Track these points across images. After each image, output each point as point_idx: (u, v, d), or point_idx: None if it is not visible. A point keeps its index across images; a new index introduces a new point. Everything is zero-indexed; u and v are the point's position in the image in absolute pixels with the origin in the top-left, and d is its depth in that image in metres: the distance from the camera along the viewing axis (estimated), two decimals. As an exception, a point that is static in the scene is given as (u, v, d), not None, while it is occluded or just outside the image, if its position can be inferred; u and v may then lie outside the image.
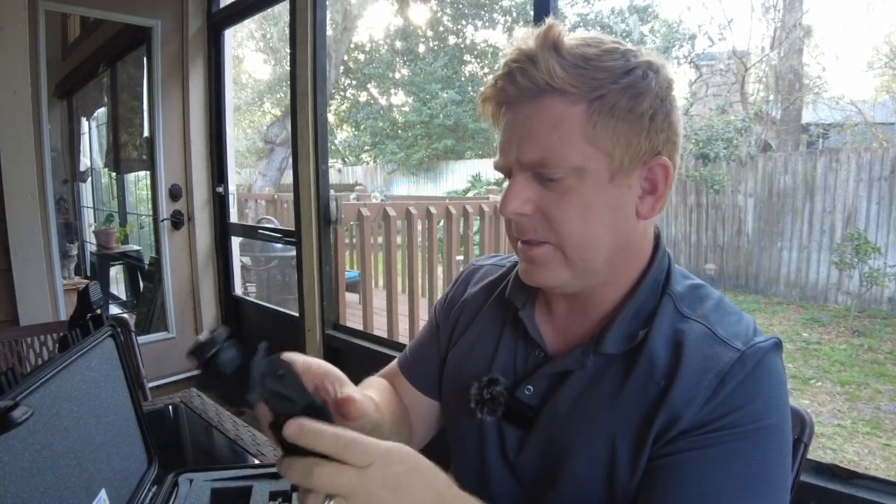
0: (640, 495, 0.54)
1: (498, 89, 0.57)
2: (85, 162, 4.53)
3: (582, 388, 0.59)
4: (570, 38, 0.54)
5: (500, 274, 0.75)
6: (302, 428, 0.37)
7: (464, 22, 12.12)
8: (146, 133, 3.14)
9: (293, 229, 2.48)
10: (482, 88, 0.59)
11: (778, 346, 0.55)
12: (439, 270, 3.26)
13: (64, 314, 2.46)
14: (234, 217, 3.06)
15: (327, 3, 2.28)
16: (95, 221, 4.54)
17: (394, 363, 0.82)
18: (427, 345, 0.79)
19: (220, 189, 2.99)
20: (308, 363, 0.53)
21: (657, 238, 0.62)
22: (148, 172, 3.12)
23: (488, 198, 4.36)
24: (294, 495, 0.75)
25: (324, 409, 0.40)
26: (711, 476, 0.50)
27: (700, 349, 0.54)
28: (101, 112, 4.34)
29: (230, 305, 3.11)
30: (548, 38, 0.53)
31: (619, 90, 0.53)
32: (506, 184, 0.59)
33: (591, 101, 0.53)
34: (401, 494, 0.40)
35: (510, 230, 0.60)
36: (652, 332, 0.57)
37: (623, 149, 0.54)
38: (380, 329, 2.89)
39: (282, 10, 8.42)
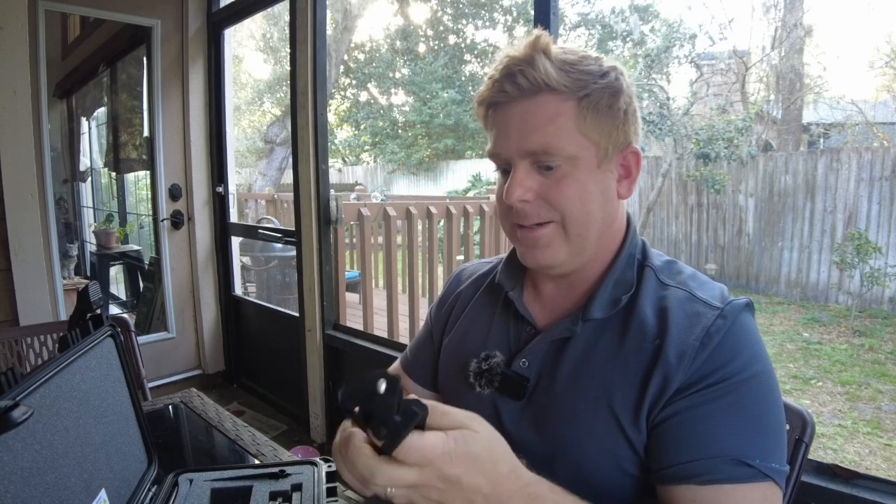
0: (653, 457, 0.59)
1: (496, 90, 0.62)
2: (85, 162, 4.53)
3: (578, 357, 0.64)
4: (552, 47, 0.62)
5: (488, 268, 0.82)
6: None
7: (464, 21, 12.10)
8: (146, 133, 3.14)
9: (293, 229, 2.48)
10: (479, 89, 0.65)
11: (750, 305, 0.62)
12: (440, 270, 3.25)
13: (64, 314, 2.47)
14: (234, 217, 3.05)
15: (327, 2, 2.28)
16: (95, 221, 4.53)
17: (396, 364, 0.89)
18: (424, 342, 0.85)
19: (220, 189, 2.99)
20: None
21: (628, 218, 0.71)
22: (148, 172, 3.12)
23: (489, 198, 4.33)
24: (295, 495, 0.75)
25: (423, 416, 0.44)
26: (717, 428, 0.56)
27: (684, 310, 0.61)
28: (101, 112, 4.33)
29: (230, 305, 3.11)
30: (538, 44, 0.61)
31: (600, 89, 0.61)
32: (495, 176, 0.67)
33: (580, 98, 0.60)
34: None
35: (510, 218, 0.66)
36: (639, 299, 0.64)
37: (606, 139, 0.62)
38: (380, 329, 2.89)
39: (282, 10, 8.43)
